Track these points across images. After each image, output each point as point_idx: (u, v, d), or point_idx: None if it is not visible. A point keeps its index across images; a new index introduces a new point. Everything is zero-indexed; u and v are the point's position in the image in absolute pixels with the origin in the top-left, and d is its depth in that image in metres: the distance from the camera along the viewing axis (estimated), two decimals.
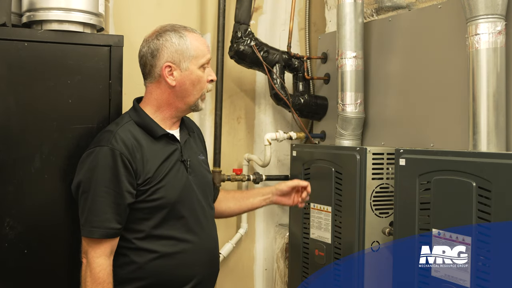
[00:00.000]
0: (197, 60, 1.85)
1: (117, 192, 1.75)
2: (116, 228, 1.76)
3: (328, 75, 2.84)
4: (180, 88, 1.85)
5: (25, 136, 1.91)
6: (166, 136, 1.87)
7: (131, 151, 1.78)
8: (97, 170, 1.75)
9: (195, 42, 1.85)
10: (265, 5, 3.03)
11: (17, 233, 1.90)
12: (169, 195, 1.82)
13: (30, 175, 1.91)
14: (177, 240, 1.85)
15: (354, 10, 2.44)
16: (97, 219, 1.74)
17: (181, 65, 1.83)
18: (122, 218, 1.77)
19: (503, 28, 1.88)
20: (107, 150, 1.76)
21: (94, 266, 1.74)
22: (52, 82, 1.93)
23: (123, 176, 1.75)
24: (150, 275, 1.81)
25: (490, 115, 1.88)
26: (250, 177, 2.87)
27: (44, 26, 1.96)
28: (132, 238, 1.81)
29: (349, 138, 2.51)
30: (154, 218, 1.82)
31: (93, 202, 1.75)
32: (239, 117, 3.01)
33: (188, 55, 1.83)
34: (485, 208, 1.69)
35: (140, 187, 1.79)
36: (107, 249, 1.76)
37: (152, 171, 1.80)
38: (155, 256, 1.81)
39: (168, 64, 1.83)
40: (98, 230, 1.74)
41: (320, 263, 2.38)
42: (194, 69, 1.85)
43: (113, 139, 1.78)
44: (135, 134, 1.82)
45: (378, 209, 2.21)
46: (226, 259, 2.95)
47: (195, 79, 1.86)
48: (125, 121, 1.85)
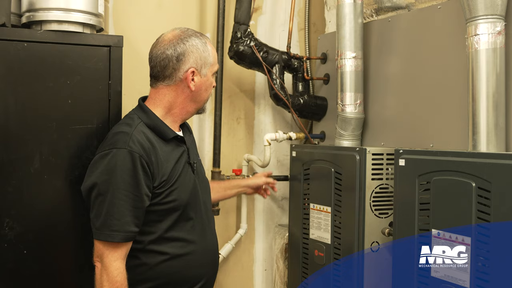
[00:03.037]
0: (213, 68, 1.92)
1: (137, 195, 1.74)
2: (135, 231, 1.76)
3: (328, 75, 2.84)
4: (197, 93, 1.89)
5: (25, 136, 1.90)
6: (176, 138, 1.88)
7: (148, 154, 1.77)
8: (115, 173, 1.73)
9: (213, 50, 1.92)
10: (264, 6, 3.03)
11: (16, 233, 1.90)
12: (181, 197, 1.83)
13: (30, 175, 1.91)
14: (186, 242, 1.86)
15: (354, 10, 2.43)
16: (117, 222, 1.72)
17: (202, 71, 1.88)
18: (140, 221, 1.77)
19: (502, 29, 1.87)
20: (126, 153, 1.74)
21: (111, 269, 1.72)
22: (51, 83, 1.93)
23: (142, 179, 1.74)
24: (160, 276, 1.82)
25: (489, 116, 1.87)
26: (249, 177, 2.85)
27: (43, 26, 1.96)
28: (144, 240, 1.80)
29: (349, 139, 2.51)
30: (166, 220, 1.82)
31: (111, 205, 1.73)
32: (238, 118, 3.01)
33: (208, 62, 1.89)
34: (484, 208, 1.69)
35: (156, 190, 1.79)
36: (123, 253, 1.76)
37: (167, 173, 1.80)
38: (166, 258, 1.82)
39: (193, 70, 1.85)
40: (118, 233, 1.73)
41: (320, 263, 2.38)
42: (209, 76, 1.91)
43: (130, 141, 1.76)
44: (148, 136, 1.81)
45: (377, 209, 2.21)
46: (226, 259, 2.94)
47: (209, 85, 1.92)
48: (137, 122, 1.83)
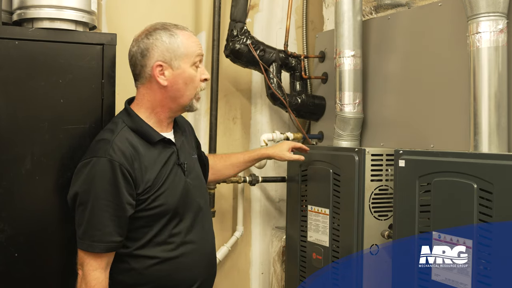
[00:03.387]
0: (189, 59, 1.82)
1: (118, 204, 1.72)
2: (117, 241, 1.74)
3: (326, 74, 2.83)
4: (172, 88, 1.81)
5: (16, 136, 1.89)
6: (163, 140, 1.84)
7: (130, 161, 1.73)
8: (95, 182, 1.71)
9: (186, 40, 1.82)
10: (261, 3, 3.02)
11: (7, 236, 1.88)
12: (169, 201, 1.80)
13: (21, 176, 1.89)
14: (177, 245, 1.83)
15: (353, 8, 2.42)
16: (98, 233, 1.71)
17: (173, 63, 1.79)
18: (123, 230, 1.75)
19: (504, 27, 1.87)
20: (105, 161, 1.71)
21: (89, 279, 1.72)
22: (43, 82, 1.92)
23: (123, 188, 1.71)
24: (150, 281, 1.80)
25: (491, 115, 1.87)
26: (246, 178, 2.84)
27: (35, 24, 1.94)
28: (132, 246, 1.79)
29: (348, 139, 2.50)
30: (155, 225, 1.80)
31: (92, 215, 1.71)
32: (234, 117, 2.99)
33: (179, 53, 1.80)
34: (486, 210, 1.69)
35: (140, 197, 1.76)
36: (103, 262, 1.74)
37: (152, 179, 1.77)
38: (155, 262, 1.80)
39: (159, 63, 1.79)
40: (99, 244, 1.71)
41: (318, 266, 2.37)
42: (186, 68, 1.81)
43: (110, 149, 1.73)
44: (132, 141, 1.78)
45: (377, 211, 2.20)
46: (222, 262, 2.93)
47: (187, 78, 1.82)
48: (120, 127, 1.80)
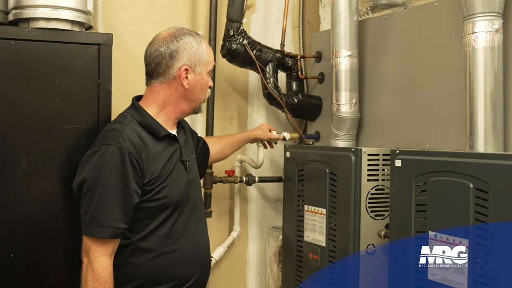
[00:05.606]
0: (208, 66, 1.95)
1: (125, 192, 1.75)
2: (122, 228, 1.77)
3: (323, 74, 2.82)
4: (190, 91, 1.91)
5: (11, 136, 1.89)
6: (168, 136, 1.90)
7: (138, 151, 1.79)
8: (104, 169, 1.74)
9: (207, 48, 1.95)
10: (258, 3, 3.01)
11: (2, 236, 1.88)
12: (172, 194, 1.85)
13: (17, 176, 1.90)
14: (174, 239, 1.87)
15: (349, 8, 2.42)
16: (105, 218, 1.74)
17: (196, 69, 1.91)
18: (129, 218, 1.78)
19: (500, 27, 1.86)
20: (115, 149, 1.75)
21: (96, 265, 1.74)
22: (39, 82, 1.92)
23: (131, 176, 1.76)
24: (146, 275, 1.82)
25: (487, 115, 1.86)
26: (242, 178, 2.84)
27: (31, 24, 1.94)
28: (132, 237, 1.82)
29: (344, 139, 2.49)
30: (156, 218, 1.84)
31: (99, 201, 1.74)
32: (231, 117, 2.99)
33: (202, 60, 1.92)
34: (482, 210, 1.69)
35: (146, 187, 1.80)
36: (109, 249, 1.77)
37: (158, 170, 1.82)
38: (152, 255, 1.83)
39: (187, 67, 1.87)
40: (105, 229, 1.74)
41: (315, 266, 2.36)
42: (204, 74, 1.94)
43: (120, 137, 1.78)
44: (140, 133, 1.84)
45: (373, 211, 2.20)
46: (218, 262, 2.92)
47: (203, 84, 1.94)
48: (129, 120, 1.86)
